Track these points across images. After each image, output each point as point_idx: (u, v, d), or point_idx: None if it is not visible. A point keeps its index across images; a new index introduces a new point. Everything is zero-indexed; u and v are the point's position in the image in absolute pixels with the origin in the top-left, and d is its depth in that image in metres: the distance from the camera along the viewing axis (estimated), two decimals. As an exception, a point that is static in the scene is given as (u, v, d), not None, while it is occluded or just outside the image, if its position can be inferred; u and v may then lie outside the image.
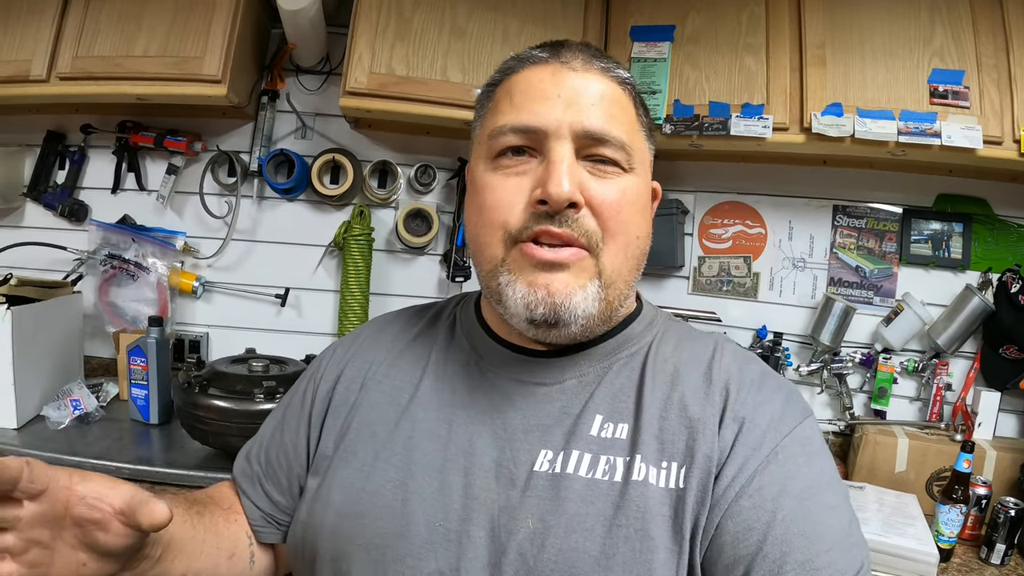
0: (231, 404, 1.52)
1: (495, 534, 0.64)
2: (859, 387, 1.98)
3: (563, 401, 0.71)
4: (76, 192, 2.11)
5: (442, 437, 0.71)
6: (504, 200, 0.68)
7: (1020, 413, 1.88)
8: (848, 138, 1.65)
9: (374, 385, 0.79)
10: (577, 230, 0.66)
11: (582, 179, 0.67)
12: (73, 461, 1.47)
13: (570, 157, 0.67)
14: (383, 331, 0.87)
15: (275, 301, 2.12)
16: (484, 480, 0.67)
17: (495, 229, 0.69)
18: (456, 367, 0.78)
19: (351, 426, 0.76)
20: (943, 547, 1.46)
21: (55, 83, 1.76)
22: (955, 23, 1.63)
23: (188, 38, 1.75)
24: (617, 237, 0.68)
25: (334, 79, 2.09)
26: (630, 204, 0.70)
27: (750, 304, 2.07)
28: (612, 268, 0.69)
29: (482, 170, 0.72)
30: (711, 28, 1.78)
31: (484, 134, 0.72)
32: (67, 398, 1.72)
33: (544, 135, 0.67)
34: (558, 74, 0.69)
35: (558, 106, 0.67)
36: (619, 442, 0.67)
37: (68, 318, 1.87)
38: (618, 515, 0.62)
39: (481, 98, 0.78)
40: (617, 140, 0.68)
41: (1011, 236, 1.90)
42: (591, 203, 0.67)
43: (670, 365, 0.72)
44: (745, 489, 0.62)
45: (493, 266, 0.70)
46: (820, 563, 0.58)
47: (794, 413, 0.68)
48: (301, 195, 2.13)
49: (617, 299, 0.71)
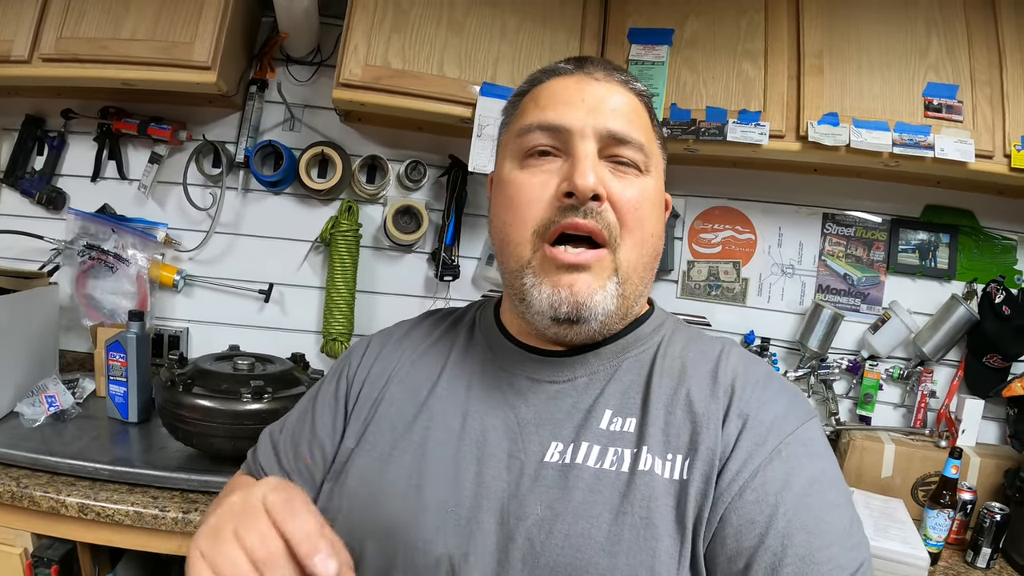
0: (217, 404, 1.46)
1: (504, 520, 0.67)
2: (845, 393, 2.01)
3: (574, 397, 0.74)
4: (55, 179, 2.03)
5: (457, 429, 0.75)
6: (533, 195, 0.73)
7: (1002, 420, 1.93)
8: (843, 147, 1.66)
9: (396, 381, 0.83)
10: (601, 222, 0.71)
11: (604, 176, 0.72)
12: (50, 461, 1.42)
13: (594, 154, 0.72)
14: (409, 334, 0.91)
15: (258, 297, 2.07)
16: (495, 469, 0.70)
17: (524, 226, 0.73)
18: (474, 365, 0.82)
19: (373, 419, 0.80)
20: (931, 551, 1.49)
21: (37, 64, 1.68)
22: (950, 38, 1.66)
23: (178, 22, 1.69)
24: (634, 232, 0.73)
25: (325, 70, 2.05)
26: (647, 202, 0.75)
27: (738, 309, 2.08)
28: (628, 263, 0.73)
29: (508, 169, 0.77)
30: (710, 33, 1.78)
31: (511, 136, 0.78)
32: (42, 394, 1.65)
33: (569, 134, 0.72)
34: (582, 83, 0.76)
35: (582, 109, 0.73)
36: (627, 435, 0.69)
37: (44, 310, 1.79)
38: (624, 503, 0.64)
39: (507, 107, 0.84)
40: (636, 142, 0.74)
41: (996, 248, 1.95)
42: (611, 199, 0.72)
43: (678, 363, 0.75)
44: (749, 483, 0.63)
45: (519, 266, 0.74)
46: (820, 558, 0.59)
47: (798, 413, 0.70)
48: (288, 188, 2.08)
49: (633, 295, 0.75)
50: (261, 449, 0.90)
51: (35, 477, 1.40)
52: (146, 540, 1.39)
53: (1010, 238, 1.96)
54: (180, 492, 1.43)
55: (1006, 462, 1.71)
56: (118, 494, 1.38)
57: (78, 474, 1.42)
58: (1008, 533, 1.52)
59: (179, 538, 1.38)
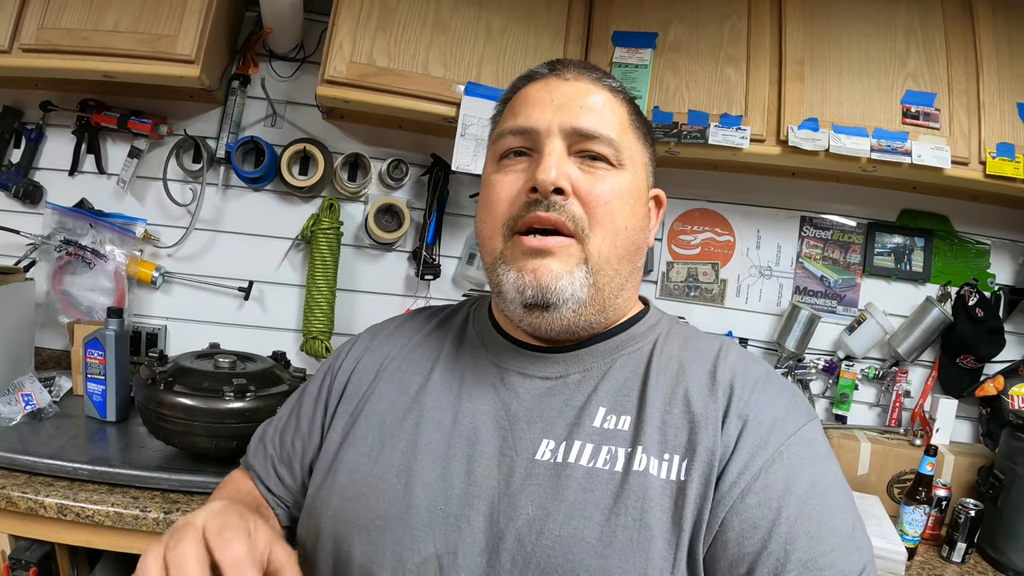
0: (198, 402, 1.44)
1: (494, 520, 0.66)
2: (822, 393, 2.05)
3: (567, 394, 0.74)
4: (31, 172, 1.99)
5: (447, 425, 0.74)
6: (504, 193, 0.76)
7: (975, 420, 1.98)
8: (823, 152, 1.69)
9: (387, 376, 0.83)
10: (564, 215, 0.71)
11: (570, 171, 0.73)
12: (27, 461, 1.39)
13: (559, 151, 0.73)
14: (400, 328, 0.91)
15: (238, 294, 2.05)
16: (486, 467, 0.70)
17: (496, 221, 0.75)
18: (466, 361, 0.82)
19: (361, 413, 0.80)
20: (908, 546, 1.52)
21: (17, 55, 1.64)
22: (929, 48, 1.70)
23: (162, 15, 1.66)
24: (604, 224, 0.73)
25: (308, 67, 2.04)
26: (617, 196, 0.74)
27: (717, 310, 2.11)
28: (598, 254, 0.73)
29: (489, 171, 0.80)
30: (693, 37, 1.80)
31: (492, 141, 0.82)
32: (18, 392, 1.61)
33: (537, 135, 0.74)
34: (551, 83, 0.78)
35: (549, 109, 0.75)
36: (621, 433, 0.69)
37: (19, 306, 1.76)
38: (617, 504, 0.64)
39: (494, 115, 0.86)
40: (605, 136, 0.74)
41: (970, 252, 2.00)
42: (578, 192, 0.73)
43: (675, 361, 0.74)
44: (751, 487, 0.63)
45: (494, 259, 0.76)
46: (823, 563, 0.59)
47: (799, 414, 0.69)
48: (269, 185, 2.06)
49: (608, 286, 0.75)
50: (252, 443, 0.92)
51: (12, 477, 1.37)
52: (126, 541, 1.36)
53: (984, 242, 2.01)
54: (161, 492, 1.40)
55: (979, 460, 1.76)
56: (98, 494, 1.35)
57: (56, 474, 1.39)
58: (982, 528, 1.56)
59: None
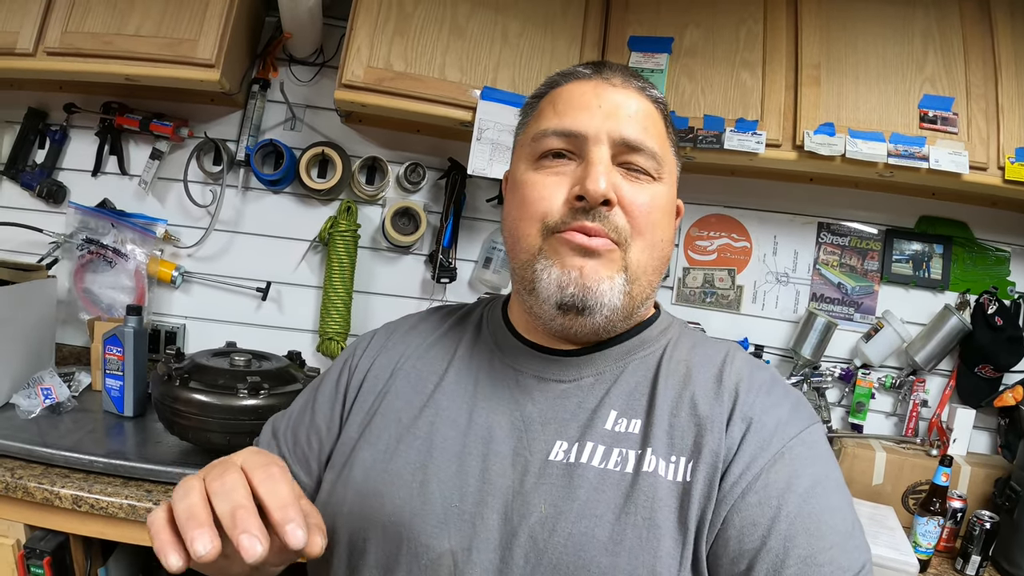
0: (213, 399, 1.47)
1: (508, 517, 0.67)
2: (837, 401, 2.02)
3: (580, 397, 0.75)
4: (55, 173, 2.04)
5: (463, 425, 0.75)
6: (545, 195, 0.74)
7: (993, 430, 1.95)
8: (839, 157, 1.68)
9: (402, 375, 0.83)
10: (608, 226, 0.71)
11: (616, 181, 0.73)
12: (45, 453, 1.42)
13: (607, 160, 0.73)
14: (415, 327, 0.91)
15: (256, 295, 2.07)
16: (500, 466, 0.71)
17: (534, 221, 0.74)
18: (480, 362, 0.82)
19: (377, 411, 0.80)
20: (921, 558, 1.49)
21: (42, 58, 1.69)
22: (947, 51, 1.68)
23: (183, 19, 1.70)
24: (645, 235, 0.74)
25: (327, 71, 2.07)
26: (658, 208, 0.75)
27: (733, 316, 2.10)
28: (637, 264, 0.73)
29: (523, 169, 0.78)
30: (709, 42, 1.80)
31: (527, 138, 0.79)
32: (38, 386, 1.65)
33: (584, 139, 0.73)
34: (599, 88, 0.76)
35: (598, 115, 0.74)
36: (632, 436, 0.70)
37: (41, 303, 1.80)
38: (628, 504, 0.65)
39: (525, 108, 0.85)
40: (650, 150, 0.74)
41: (989, 259, 1.97)
42: (623, 203, 0.73)
43: (683, 366, 0.75)
44: (752, 486, 0.64)
45: (531, 255, 0.74)
46: (822, 560, 0.60)
47: (802, 418, 0.70)
48: (287, 187, 2.09)
49: (640, 296, 0.75)
50: (263, 436, 0.92)
51: (29, 468, 1.40)
52: (139, 533, 1.38)
53: (1004, 250, 1.98)
54: (174, 486, 1.42)
55: (996, 471, 1.72)
56: (112, 487, 1.38)
57: (72, 466, 1.42)
58: (997, 541, 1.53)
59: (172, 532, 1.37)
